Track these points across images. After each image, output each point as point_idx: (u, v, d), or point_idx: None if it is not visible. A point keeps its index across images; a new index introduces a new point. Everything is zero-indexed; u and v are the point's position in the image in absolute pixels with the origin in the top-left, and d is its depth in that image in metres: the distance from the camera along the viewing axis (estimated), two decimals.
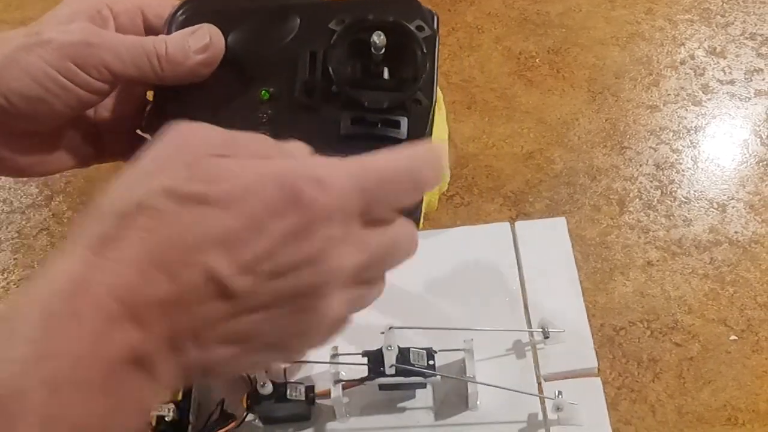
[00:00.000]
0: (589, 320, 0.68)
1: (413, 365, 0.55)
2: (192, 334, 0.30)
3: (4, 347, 0.27)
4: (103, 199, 0.31)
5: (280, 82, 0.47)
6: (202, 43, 0.45)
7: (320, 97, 0.45)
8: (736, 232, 0.74)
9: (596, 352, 0.62)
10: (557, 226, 0.70)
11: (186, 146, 0.32)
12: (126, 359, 0.28)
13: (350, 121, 0.45)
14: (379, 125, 0.44)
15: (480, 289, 0.66)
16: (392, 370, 0.54)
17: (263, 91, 0.47)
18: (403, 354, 0.55)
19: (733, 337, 0.68)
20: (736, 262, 0.72)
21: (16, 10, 0.96)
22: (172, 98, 0.47)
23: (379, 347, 0.55)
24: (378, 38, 0.42)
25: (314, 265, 0.30)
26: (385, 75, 0.44)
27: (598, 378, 0.61)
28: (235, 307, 0.30)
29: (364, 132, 0.44)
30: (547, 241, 0.69)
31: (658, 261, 0.72)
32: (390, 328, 0.55)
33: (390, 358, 0.54)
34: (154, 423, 0.54)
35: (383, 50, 0.43)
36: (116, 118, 0.49)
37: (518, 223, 0.70)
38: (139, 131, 0.50)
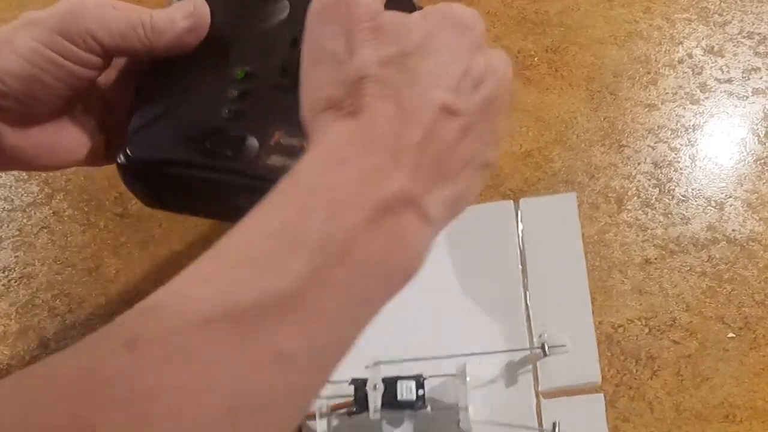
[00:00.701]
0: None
1: (401, 401, 0.53)
2: (444, 166, 0.34)
3: (291, 191, 0.32)
4: (312, 95, 0.36)
5: (259, 63, 0.47)
6: (186, 11, 0.45)
7: (294, 78, 0.45)
8: (733, 230, 0.73)
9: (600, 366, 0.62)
10: (566, 203, 0.68)
11: (349, 17, 0.35)
12: (397, 201, 0.32)
13: None
14: None
15: (481, 295, 0.65)
16: (377, 416, 0.52)
17: (239, 71, 0.47)
18: (389, 389, 0.53)
19: (730, 335, 0.67)
20: (734, 260, 0.72)
21: (16, 9, 0.96)
22: (153, 71, 0.48)
23: (365, 379, 0.53)
24: None
25: (492, 73, 0.36)
26: None
27: (601, 394, 0.61)
28: (463, 126, 0.35)
29: None
30: (555, 241, 0.68)
31: (656, 259, 0.72)
32: (375, 363, 0.53)
33: (375, 399, 0.52)
34: None
35: None
36: (124, 108, 0.49)
37: (522, 206, 0.68)
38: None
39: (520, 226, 0.67)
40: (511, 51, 0.89)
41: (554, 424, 0.57)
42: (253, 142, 0.45)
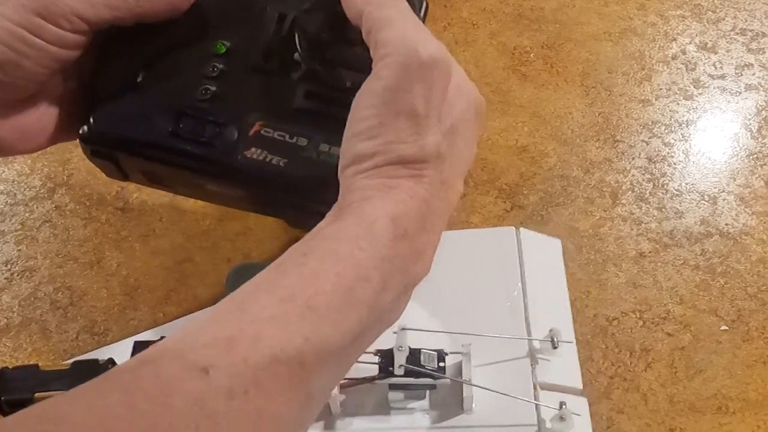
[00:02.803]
0: (583, 311, 0.67)
1: (423, 367, 0.54)
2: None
3: (360, 243, 0.35)
4: (387, 145, 0.37)
5: (242, 38, 0.42)
6: None
7: (279, 62, 0.41)
8: (726, 224, 0.73)
9: (593, 361, 0.61)
10: (552, 247, 0.69)
11: (433, 81, 0.37)
12: (417, 281, 0.38)
13: (305, 94, 0.41)
14: (335, 105, 0.40)
15: (481, 294, 0.65)
16: (401, 371, 0.53)
17: (219, 44, 0.42)
18: (414, 355, 0.54)
19: (723, 327, 0.67)
20: (727, 254, 0.71)
21: None
22: (127, 40, 0.42)
23: (391, 347, 0.54)
24: None
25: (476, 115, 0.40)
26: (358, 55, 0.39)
27: (584, 398, 0.60)
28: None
29: (317, 109, 0.40)
30: (543, 258, 0.68)
31: (650, 252, 0.72)
32: (402, 329, 0.55)
33: (400, 359, 0.53)
34: None
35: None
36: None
37: (522, 230, 0.69)
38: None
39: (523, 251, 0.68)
40: (507, 47, 0.88)
41: (561, 404, 0.56)
42: (231, 130, 0.41)
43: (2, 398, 0.56)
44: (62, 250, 0.74)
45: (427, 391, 0.58)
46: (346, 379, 0.55)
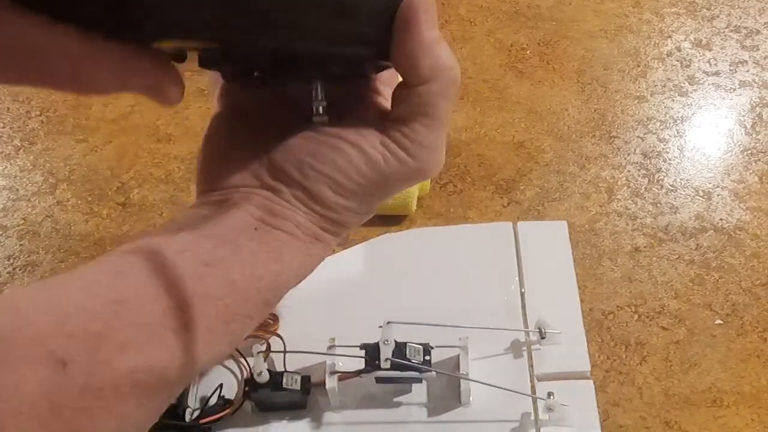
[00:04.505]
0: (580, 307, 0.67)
1: (409, 360, 0.53)
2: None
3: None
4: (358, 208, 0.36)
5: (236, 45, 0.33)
6: (177, 89, 0.33)
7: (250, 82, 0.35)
8: (721, 219, 0.72)
9: (589, 355, 0.61)
10: (558, 230, 0.68)
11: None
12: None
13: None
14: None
15: (478, 287, 0.64)
16: (387, 364, 0.52)
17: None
18: (400, 348, 0.53)
19: (718, 321, 0.66)
20: (721, 249, 0.70)
21: None
22: None
23: (377, 341, 0.53)
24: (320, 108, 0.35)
25: None
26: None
27: (591, 381, 0.59)
28: None
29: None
30: (548, 244, 0.67)
31: (645, 247, 0.71)
32: (388, 322, 0.54)
33: (386, 352, 0.52)
34: None
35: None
36: None
37: (520, 224, 0.68)
38: None
39: (520, 245, 0.67)
40: (503, 44, 0.87)
41: (548, 394, 0.56)
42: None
43: None
44: (64, 245, 0.73)
45: (425, 384, 0.57)
46: (339, 372, 0.54)
